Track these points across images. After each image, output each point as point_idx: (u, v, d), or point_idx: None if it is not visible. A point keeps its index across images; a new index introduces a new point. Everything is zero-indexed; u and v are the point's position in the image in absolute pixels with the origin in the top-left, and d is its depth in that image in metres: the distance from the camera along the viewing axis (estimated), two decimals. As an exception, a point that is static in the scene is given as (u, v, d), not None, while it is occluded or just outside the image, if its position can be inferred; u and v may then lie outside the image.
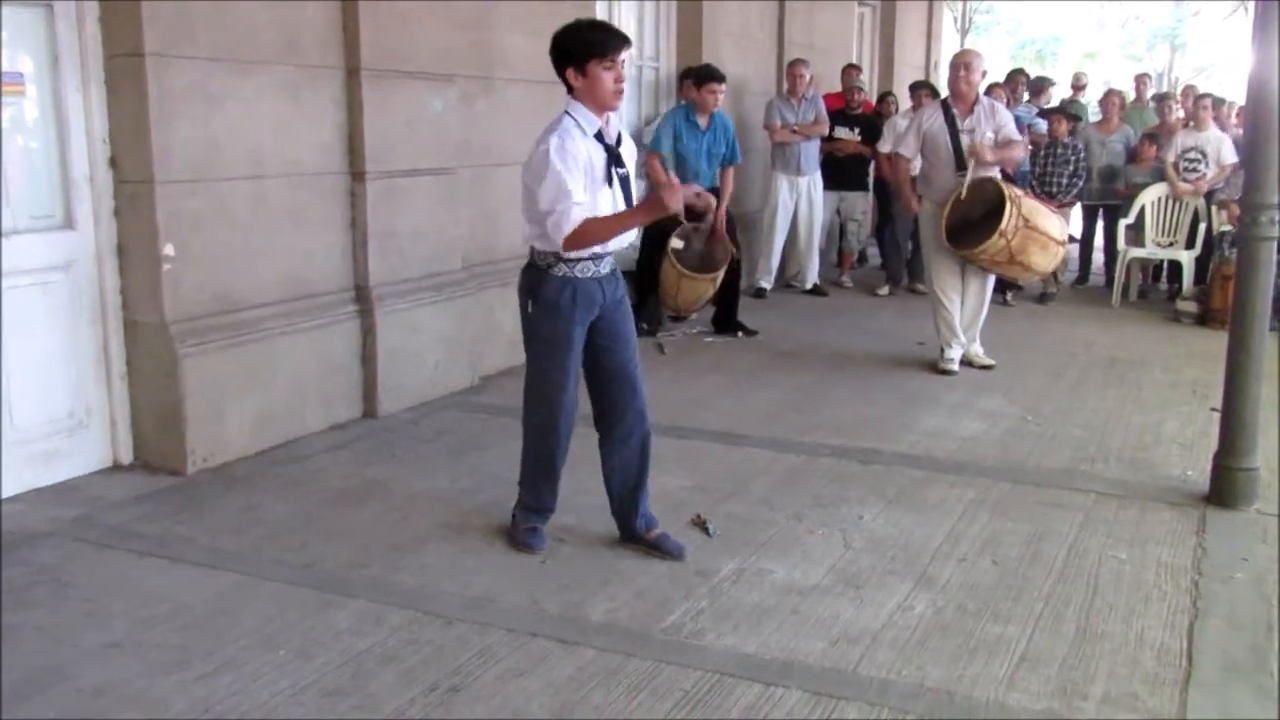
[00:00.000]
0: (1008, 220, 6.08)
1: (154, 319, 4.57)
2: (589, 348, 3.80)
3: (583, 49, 3.56)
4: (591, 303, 3.70)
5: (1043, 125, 9.69)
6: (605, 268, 3.73)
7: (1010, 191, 6.22)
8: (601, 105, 3.61)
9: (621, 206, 3.67)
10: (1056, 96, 12.61)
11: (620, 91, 3.62)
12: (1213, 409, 5.03)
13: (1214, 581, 3.72)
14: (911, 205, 6.95)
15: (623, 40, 3.61)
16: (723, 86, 7.39)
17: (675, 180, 3.51)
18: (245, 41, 4.76)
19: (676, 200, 3.48)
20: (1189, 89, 12.70)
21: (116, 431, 4.68)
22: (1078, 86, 12.60)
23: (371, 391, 5.50)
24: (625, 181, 3.70)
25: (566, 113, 3.62)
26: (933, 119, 6.62)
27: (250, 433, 4.89)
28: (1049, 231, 6.31)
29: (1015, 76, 10.45)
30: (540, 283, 3.69)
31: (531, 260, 3.73)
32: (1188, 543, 4.06)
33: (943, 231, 6.37)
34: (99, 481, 4.54)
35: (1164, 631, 3.36)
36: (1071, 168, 8.98)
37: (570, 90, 3.63)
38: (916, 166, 6.84)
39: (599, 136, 3.61)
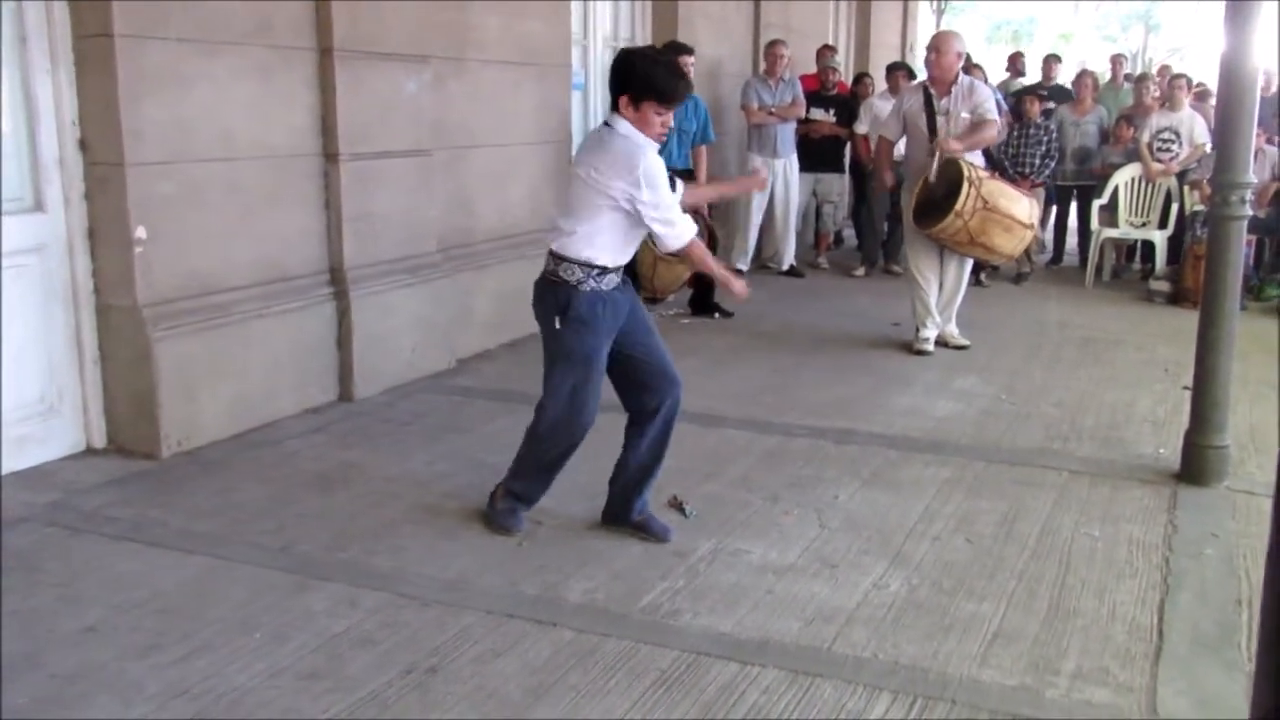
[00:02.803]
0: (964, 201, 6.09)
1: (126, 302, 4.54)
2: (623, 348, 3.79)
3: (648, 90, 3.55)
4: (619, 313, 3.72)
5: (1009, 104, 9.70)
6: (619, 276, 3.75)
7: (971, 173, 6.20)
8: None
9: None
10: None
11: (663, 135, 3.68)
12: (1185, 387, 5.07)
13: (1184, 558, 3.76)
14: (885, 181, 7.00)
15: (686, 93, 3.68)
16: (690, 59, 7.36)
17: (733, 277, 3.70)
18: (216, 22, 4.71)
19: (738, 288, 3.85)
20: (1164, 69, 12.72)
21: (89, 416, 4.65)
22: (1015, 70, 12.30)
23: (347, 374, 5.48)
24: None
25: (633, 127, 3.61)
26: (912, 101, 6.65)
27: (225, 416, 4.86)
28: (1013, 214, 6.30)
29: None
30: (571, 299, 3.63)
31: (559, 277, 3.65)
32: (1159, 519, 4.10)
33: (910, 211, 6.40)
34: (72, 466, 4.51)
35: (1135, 607, 3.40)
36: (1044, 148, 9.01)
37: (615, 108, 3.63)
38: (901, 149, 6.88)
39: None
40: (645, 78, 3.55)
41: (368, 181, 5.53)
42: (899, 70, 9.47)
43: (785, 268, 9.44)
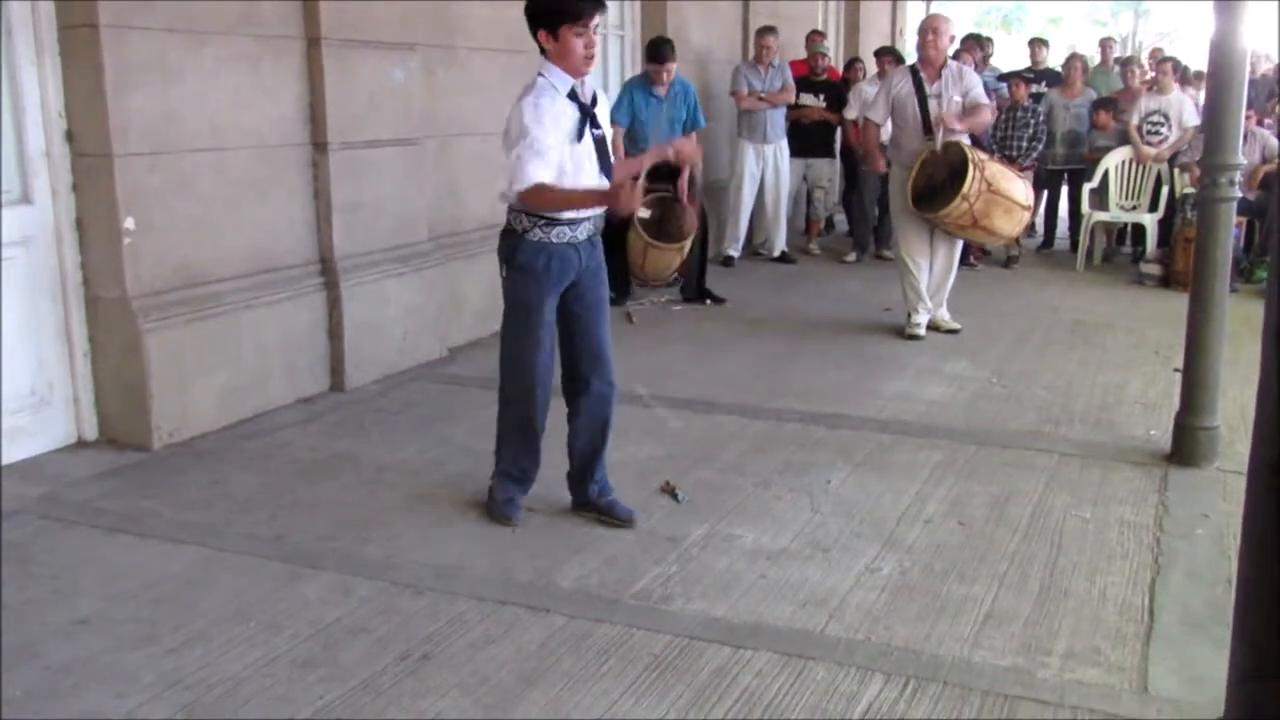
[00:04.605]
0: (970, 184, 6.10)
1: (115, 294, 4.53)
2: (562, 312, 3.79)
3: (555, 12, 3.51)
4: (567, 268, 3.68)
5: (1004, 88, 9.72)
6: (582, 233, 3.69)
7: (974, 155, 6.24)
8: (571, 70, 3.57)
9: (592, 167, 3.63)
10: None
11: (590, 57, 3.58)
12: (1175, 369, 5.09)
13: (1175, 538, 3.78)
14: (879, 164, 6.98)
15: (596, 5, 3.56)
16: (667, 65, 7.35)
17: (632, 186, 3.54)
18: (202, 12, 4.69)
19: (634, 203, 3.55)
20: (1156, 51, 12.73)
21: (80, 408, 4.64)
22: (985, 55, 12.18)
23: (339, 364, 5.47)
24: (600, 143, 3.66)
25: (540, 74, 3.59)
26: (901, 84, 6.64)
27: (216, 407, 4.85)
28: (1013, 195, 6.35)
29: (968, 43, 10.37)
30: (515, 248, 3.67)
31: (508, 225, 3.70)
32: (1150, 501, 4.12)
33: (909, 195, 6.40)
34: (63, 459, 4.50)
35: (1126, 588, 3.42)
36: (1030, 131, 9.01)
37: (543, 52, 3.60)
38: (887, 133, 6.87)
39: (573, 96, 3.58)
40: (547, 4, 3.53)
41: (357, 171, 5.52)
42: (887, 55, 9.46)
43: (777, 254, 9.43)
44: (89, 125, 4.41)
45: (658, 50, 7.44)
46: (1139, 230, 9.37)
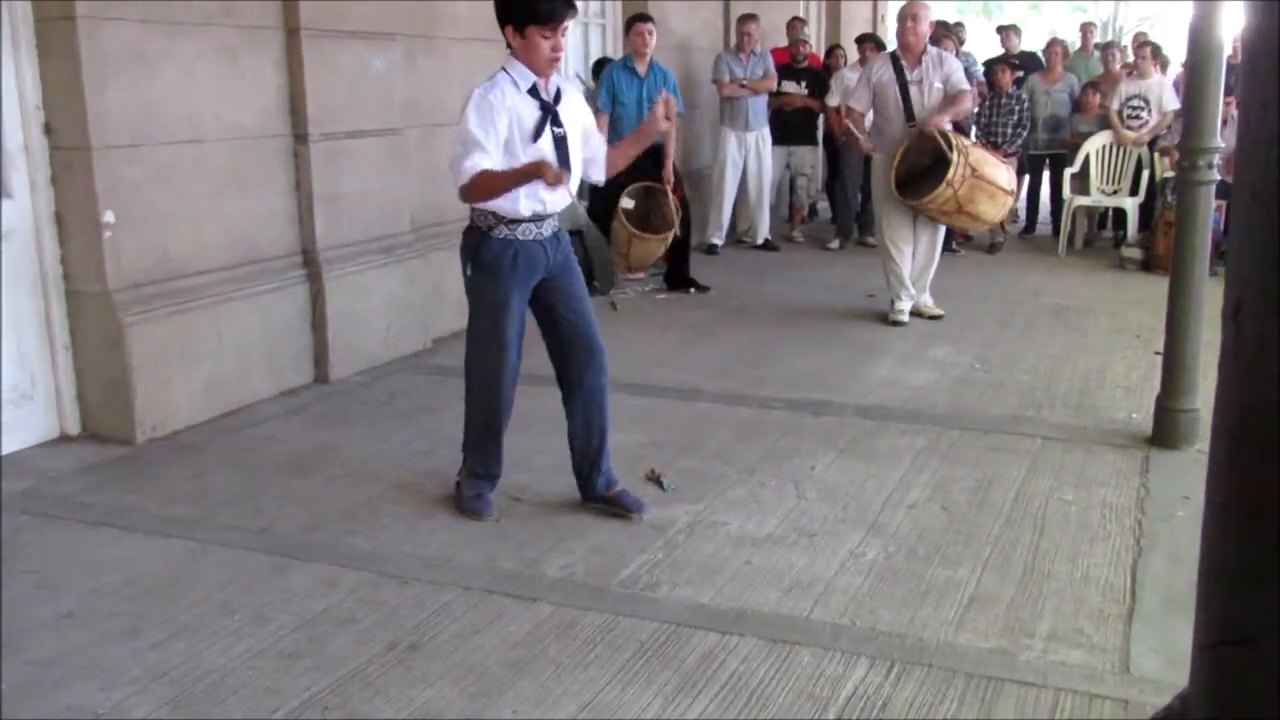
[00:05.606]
0: (954, 170, 6.12)
1: (96, 288, 4.50)
2: (543, 311, 3.78)
3: (524, 12, 3.49)
4: (534, 265, 3.66)
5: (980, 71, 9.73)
6: (547, 230, 3.68)
7: (958, 142, 6.25)
8: (535, 69, 3.56)
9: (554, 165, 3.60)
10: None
11: (555, 60, 3.56)
12: (1156, 353, 5.12)
13: (1157, 520, 3.81)
14: (864, 145, 6.99)
15: (566, 10, 3.53)
16: (649, 26, 7.40)
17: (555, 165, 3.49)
18: (180, 3, 4.66)
19: (552, 176, 3.39)
20: (1139, 35, 12.77)
21: (62, 403, 4.62)
22: (961, 41, 12.19)
23: (322, 356, 5.46)
24: (560, 141, 3.62)
25: (503, 68, 3.58)
26: (881, 72, 6.64)
27: (200, 401, 4.84)
28: (997, 181, 6.36)
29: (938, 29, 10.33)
30: (480, 245, 3.65)
31: (472, 222, 3.69)
32: (1132, 483, 4.14)
33: (892, 182, 6.40)
34: (46, 453, 4.48)
35: (1109, 569, 3.44)
36: (1015, 118, 9.03)
37: (509, 47, 3.59)
38: (869, 120, 6.87)
39: (534, 92, 3.56)
40: (517, 2, 3.51)
41: (338, 161, 5.50)
42: (868, 41, 9.47)
43: (760, 241, 9.45)
44: (67, 118, 4.38)
45: (636, 15, 7.51)
46: (1120, 214, 9.41)
